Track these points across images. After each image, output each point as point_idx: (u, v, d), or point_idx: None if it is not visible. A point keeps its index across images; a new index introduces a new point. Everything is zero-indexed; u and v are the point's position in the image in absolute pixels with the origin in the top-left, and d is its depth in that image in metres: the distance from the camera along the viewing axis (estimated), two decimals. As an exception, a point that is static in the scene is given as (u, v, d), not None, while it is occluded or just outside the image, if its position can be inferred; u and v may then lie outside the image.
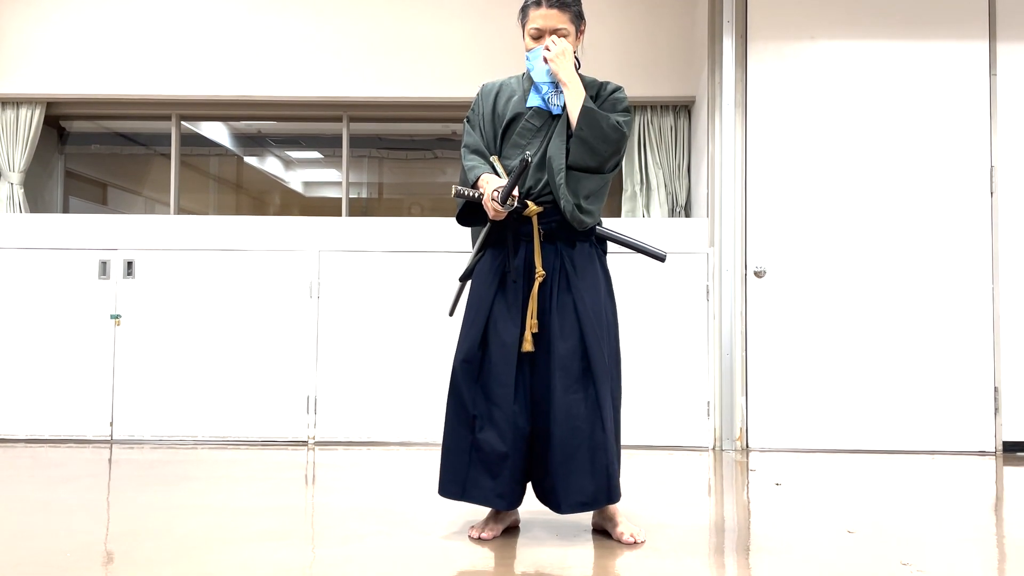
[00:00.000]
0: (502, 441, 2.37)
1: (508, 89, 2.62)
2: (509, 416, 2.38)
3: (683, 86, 4.94)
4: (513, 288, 2.45)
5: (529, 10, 2.53)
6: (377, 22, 5.03)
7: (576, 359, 2.40)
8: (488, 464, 2.39)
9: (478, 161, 2.56)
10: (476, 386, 2.43)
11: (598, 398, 2.38)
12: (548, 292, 2.45)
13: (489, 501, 2.42)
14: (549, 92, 2.48)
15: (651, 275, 4.28)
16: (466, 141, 2.62)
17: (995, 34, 4.35)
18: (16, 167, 5.00)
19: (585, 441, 2.36)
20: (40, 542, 2.41)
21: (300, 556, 2.30)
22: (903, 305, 4.28)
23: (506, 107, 2.57)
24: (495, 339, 2.43)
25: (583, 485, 2.36)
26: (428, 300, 4.35)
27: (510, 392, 2.39)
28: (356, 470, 3.69)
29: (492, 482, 2.39)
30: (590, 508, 2.42)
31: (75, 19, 5.03)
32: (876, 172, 4.33)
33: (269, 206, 7.79)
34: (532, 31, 2.52)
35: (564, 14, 2.50)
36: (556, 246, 2.47)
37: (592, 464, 2.36)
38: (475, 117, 2.65)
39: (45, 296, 4.39)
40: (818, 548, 2.44)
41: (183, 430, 4.32)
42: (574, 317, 2.42)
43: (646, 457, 4.02)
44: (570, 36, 2.51)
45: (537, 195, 2.48)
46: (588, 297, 2.45)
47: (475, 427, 2.41)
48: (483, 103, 2.63)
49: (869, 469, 3.80)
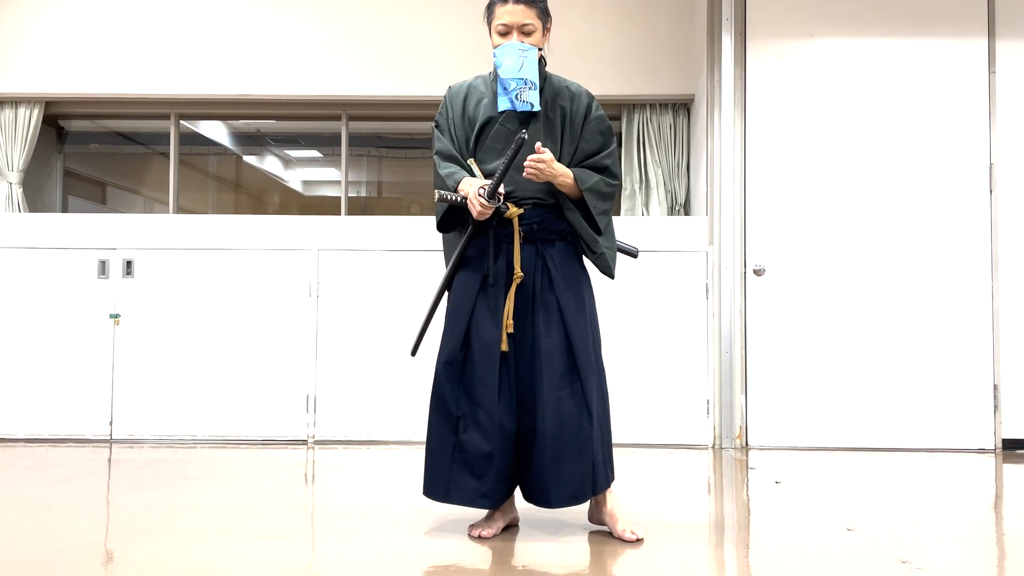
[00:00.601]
0: (487, 441, 2.39)
1: (476, 92, 2.60)
2: (494, 416, 2.40)
3: (682, 84, 4.94)
4: (494, 289, 2.47)
5: (496, 7, 2.52)
6: (376, 21, 5.02)
7: (561, 355, 2.44)
8: (471, 465, 2.41)
9: (454, 167, 2.54)
10: (459, 387, 2.45)
11: (584, 392, 2.43)
12: (531, 291, 2.48)
13: (472, 502, 2.43)
14: (518, 88, 2.44)
15: (650, 273, 4.28)
16: (438, 147, 2.58)
17: (994, 31, 4.35)
18: (15, 166, 5.00)
19: (573, 436, 2.40)
20: (40, 541, 2.41)
21: (300, 555, 2.30)
22: (902, 303, 4.28)
23: (476, 110, 2.56)
24: (477, 340, 2.44)
25: (572, 478, 2.40)
26: (427, 299, 4.34)
27: (494, 392, 2.41)
28: (356, 469, 3.69)
29: (476, 482, 2.40)
30: (579, 501, 2.45)
31: (74, 18, 5.03)
32: (876, 170, 4.33)
33: (268, 205, 7.80)
34: (499, 27, 2.50)
35: (531, 10, 2.49)
36: (536, 246, 2.50)
37: (580, 457, 2.41)
38: (444, 121, 2.61)
39: (44, 296, 4.38)
40: (818, 546, 2.44)
41: (182, 429, 4.32)
42: (558, 315, 2.46)
43: (646, 455, 4.02)
44: (536, 32, 2.51)
45: (520, 198, 2.49)
46: (570, 294, 2.49)
47: (459, 428, 2.42)
48: (452, 106, 2.61)
49: (869, 467, 3.80)
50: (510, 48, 2.47)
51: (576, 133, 2.55)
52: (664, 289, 4.32)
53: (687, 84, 4.93)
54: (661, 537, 2.51)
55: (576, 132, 2.55)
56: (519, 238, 2.47)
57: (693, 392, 4.29)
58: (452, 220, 2.55)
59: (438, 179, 2.54)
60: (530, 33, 2.49)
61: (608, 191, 2.54)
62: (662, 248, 4.35)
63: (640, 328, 4.29)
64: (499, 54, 2.49)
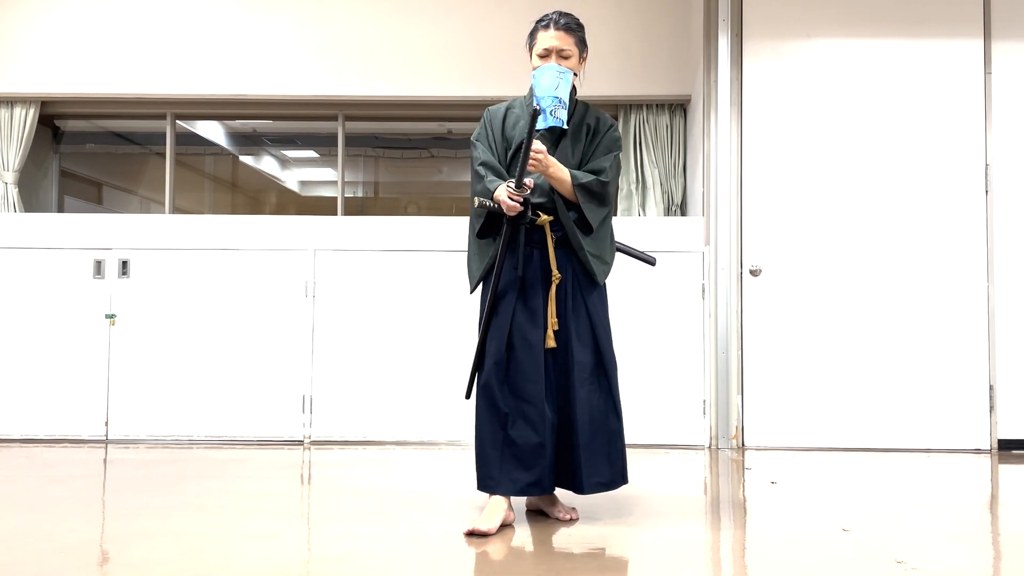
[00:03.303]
0: (535, 433, 2.55)
1: (514, 114, 2.76)
2: (541, 410, 2.56)
3: (679, 85, 4.94)
4: (532, 292, 2.64)
5: (538, 33, 2.71)
6: (372, 21, 5.02)
7: (590, 354, 2.65)
8: (522, 457, 2.55)
9: (494, 177, 2.67)
10: (505, 385, 2.60)
11: (611, 389, 2.66)
12: (563, 294, 2.66)
13: (524, 491, 2.57)
14: (552, 105, 2.57)
15: (647, 274, 4.28)
16: (481, 159, 2.71)
17: (990, 33, 4.35)
18: (11, 166, 4.99)
19: (602, 428, 2.63)
20: (35, 542, 2.40)
21: (296, 555, 2.30)
22: (898, 303, 4.29)
23: (514, 130, 2.73)
24: (521, 340, 2.60)
25: (602, 468, 2.63)
26: (424, 299, 4.35)
27: (541, 388, 2.58)
28: (352, 469, 3.68)
29: (526, 473, 2.55)
30: (608, 489, 2.65)
31: (70, 18, 5.01)
32: (872, 170, 4.34)
33: (265, 205, 7.79)
34: (541, 51, 2.69)
35: (570, 37, 2.69)
36: (565, 251, 2.67)
37: (609, 449, 2.64)
38: (485, 138, 2.77)
39: (40, 296, 4.38)
40: (813, 546, 2.44)
41: (179, 430, 4.31)
42: (587, 317, 2.66)
43: (642, 456, 4.02)
44: (573, 58, 2.69)
45: (550, 208, 2.64)
46: (596, 298, 2.70)
47: (507, 424, 2.57)
48: (491, 125, 2.77)
49: (865, 467, 3.81)
50: (548, 69, 2.63)
51: (594, 144, 2.75)
52: (660, 289, 4.32)
53: (683, 84, 4.93)
54: (657, 537, 2.51)
55: (595, 144, 2.75)
56: (552, 242, 2.63)
57: (689, 392, 4.30)
58: (487, 227, 2.68)
59: (480, 186, 2.66)
60: (568, 58, 2.68)
61: (599, 190, 2.65)
62: (658, 248, 4.34)
63: (636, 328, 4.29)
64: (537, 75, 2.66)
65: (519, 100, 2.81)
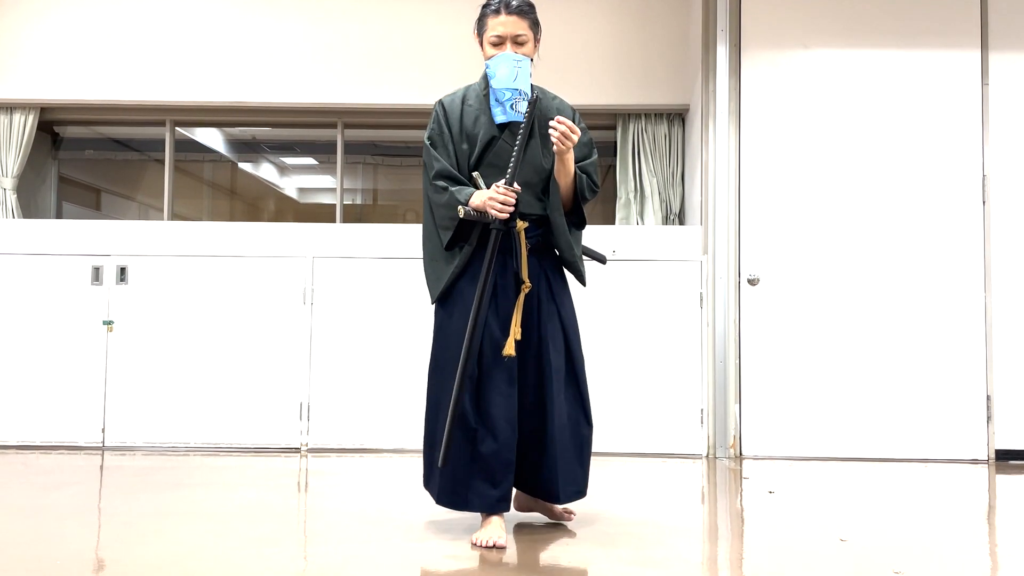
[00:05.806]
0: (507, 449, 2.47)
1: (471, 108, 2.59)
2: (511, 424, 2.48)
3: (677, 94, 4.96)
4: (504, 302, 2.52)
5: (487, 19, 2.57)
6: (372, 28, 5.03)
7: (563, 361, 2.59)
8: (491, 473, 2.47)
9: (460, 186, 2.52)
10: (474, 399, 2.49)
11: (581, 395, 2.61)
12: (536, 301, 2.57)
13: (492, 508, 2.49)
14: (513, 98, 2.48)
15: (645, 283, 4.29)
16: (437, 169, 2.53)
17: (987, 44, 4.37)
18: (9, 172, 4.99)
19: (575, 437, 2.59)
20: (31, 549, 2.40)
21: (293, 562, 2.29)
22: (896, 313, 4.29)
23: (476, 127, 2.56)
24: (493, 352, 2.49)
25: (576, 476, 2.59)
26: (422, 307, 4.34)
27: (513, 402, 2.49)
28: (349, 477, 3.68)
29: (495, 490, 2.47)
30: (581, 496, 2.62)
31: (69, 24, 5.03)
32: (869, 181, 4.35)
33: (263, 212, 7.79)
34: (493, 38, 2.55)
35: (524, 20, 2.54)
36: (538, 258, 2.59)
37: (580, 456, 2.61)
38: (440, 138, 2.59)
39: (38, 302, 4.37)
40: (811, 556, 2.44)
41: (175, 437, 4.30)
42: (559, 324, 2.59)
43: (639, 465, 4.02)
44: (529, 42, 2.56)
45: (523, 214, 2.53)
46: (567, 303, 2.65)
47: (476, 439, 2.47)
48: (448, 122, 2.58)
49: (862, 477, 3.80)
50: (504, 59, 2.50)
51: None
52: (658, 298, 4.33)
53: (682, 94, 4.95)
54: (655, 547, 2.51)
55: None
56: (525, 249, 2.53)
57: (687, 401, 4.30)
58: (457, 236, 2.53)
59: (444, 198, 2.49)
60: (523, 44, 2.54)
61: (589, 197, 2.65)
62: (656, 257, 4.36)
63: (634, 337, 4.29)
64: (492, 65, 2.52)
65: (473, 90, 2.63)
